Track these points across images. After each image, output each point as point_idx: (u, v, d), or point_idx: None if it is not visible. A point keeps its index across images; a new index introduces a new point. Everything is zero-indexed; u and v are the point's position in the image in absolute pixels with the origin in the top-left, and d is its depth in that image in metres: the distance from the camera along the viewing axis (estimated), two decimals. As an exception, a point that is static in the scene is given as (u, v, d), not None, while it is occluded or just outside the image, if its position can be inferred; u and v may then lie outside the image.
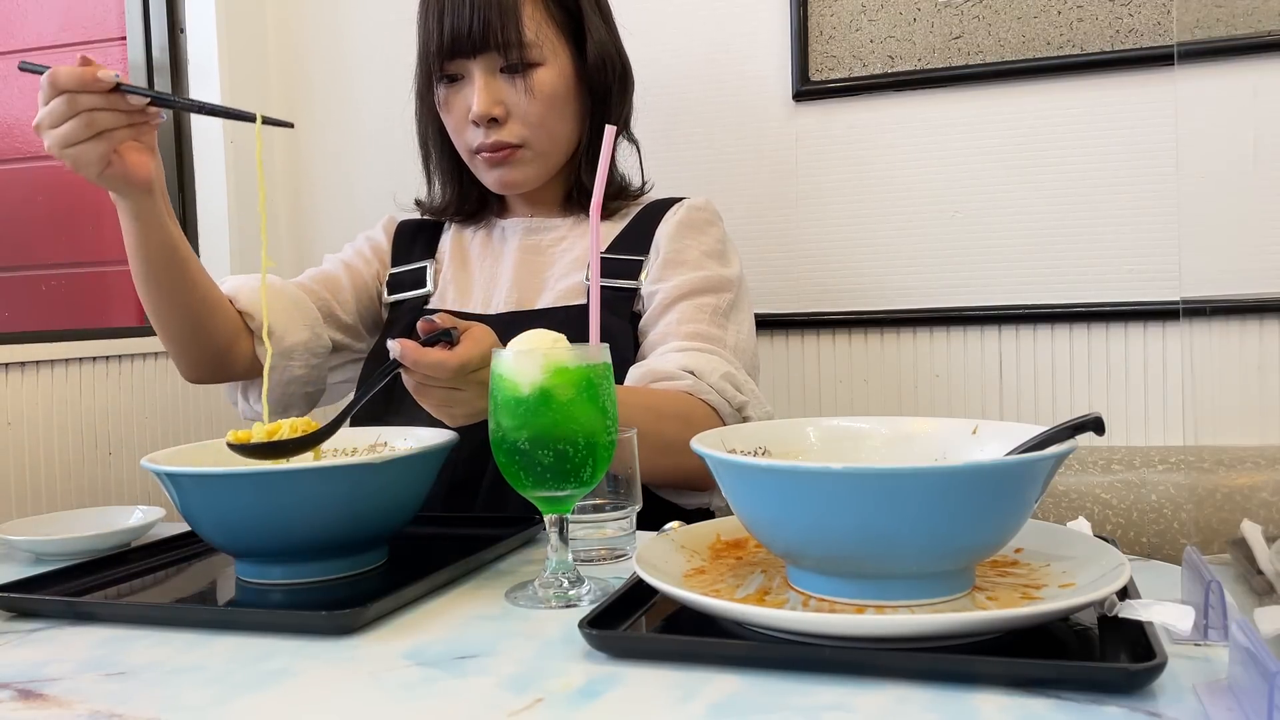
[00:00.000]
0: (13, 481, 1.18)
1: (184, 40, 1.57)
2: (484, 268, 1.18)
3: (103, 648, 0.64)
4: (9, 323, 1.72)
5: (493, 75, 1.08)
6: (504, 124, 1.09)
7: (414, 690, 0.55)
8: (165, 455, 0.81)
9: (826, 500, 0.56)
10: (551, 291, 1.11)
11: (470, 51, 1.07)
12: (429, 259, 1.21)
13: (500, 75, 1.08)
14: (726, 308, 1.08)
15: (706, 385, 0.98)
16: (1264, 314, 1.22)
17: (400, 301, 1.20)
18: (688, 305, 1.06)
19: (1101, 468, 1.19)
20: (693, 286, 1.07)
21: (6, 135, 1.69)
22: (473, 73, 1.08)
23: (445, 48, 1.07)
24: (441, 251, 1.22)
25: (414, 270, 1.21)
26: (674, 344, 1.03)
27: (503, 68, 1.08)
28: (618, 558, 0.80)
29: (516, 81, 1.08)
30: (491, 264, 1.18)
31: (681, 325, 1.05)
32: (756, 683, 0.53)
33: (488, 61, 1.08)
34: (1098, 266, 1.30)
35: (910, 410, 1.38)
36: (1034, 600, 0.59)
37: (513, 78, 1.08)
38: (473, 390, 0.79)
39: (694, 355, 1.01)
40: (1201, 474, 1.15)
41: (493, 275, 1.17)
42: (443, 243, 1.23)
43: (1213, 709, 0.47)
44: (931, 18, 1.34)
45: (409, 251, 1.23)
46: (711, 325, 1.06)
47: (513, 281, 1.14)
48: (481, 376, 0.77)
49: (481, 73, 1.08)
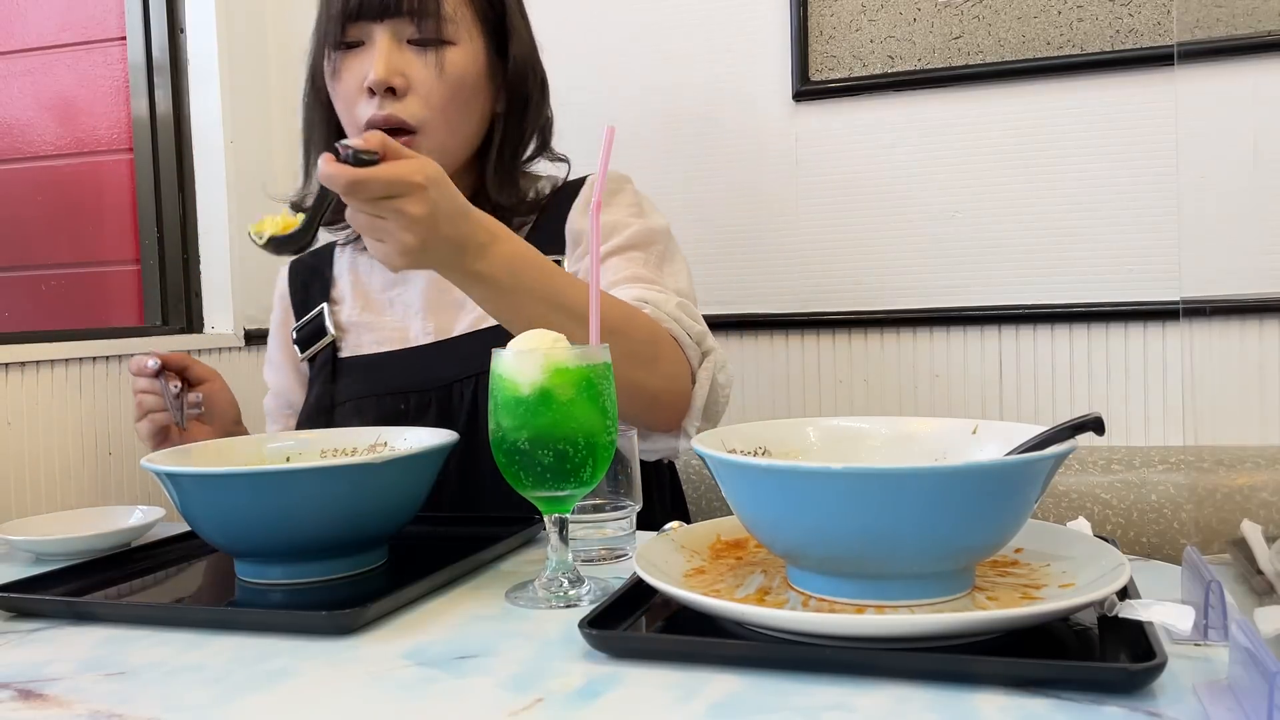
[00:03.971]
0: (13, 481, 1.18)
1: (184, 40, 1.57)
2: (389, 300, 1.11)
3: (103, 648, 0.64)
4: (9, 323, 1.72)
5: (399, 43, 0.99)
6: (402, 98, 0.99)
7: (414, 690, 0.55)
8: (165, 455, 0.81)
9: (826, 500, 0.56)
10: (470, 314, 1.05)
11: (378, 14, 0.98)
12: (325, 301, 1.14)
13: (408, 46, 1.00)
14: (658, 259, 1.03)
15: (664, 314, 0.94)
16: (1264, 314, 1.22)
17: (313, 356, 1.13)
18: (618, 259, 1.01)
19: (1101, 468, 1.19)
20: (618, 245, 1.01)
21: (6, 135, 1.69)
22: (376, 38, 0.99)
23: (350, 8, 0.98)
24: (340, 291, 1.15)
25: (314, 319, 1.14)
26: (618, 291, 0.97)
27: (413, 38, 0.99)
28: (618, 558, 0.80)
29: (426, 56, 0.99)
30: (399, 293, 1.11)
31: (618, 275, 0.99)
32: (756, 683, 0.53)
33: (396, 27, 0.99)
34: (1098, 266, 1.30)
35: (910, 410, 1.38)
36: (1034, 600, 0.59)
37: (423, 51, 0.99)
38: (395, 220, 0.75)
39: (643, 290, 0.96)
40: (1201, 474, 1.15)
41: (402, 307, 1.10)
42: (338, 280, 1.15)
43: (1213, 709, 0.47)
44: (931, 18, 1.34)
45: (305, 298, 1.17)
46: (647, 270, 1.01)
47: (425, 310, 1.08)
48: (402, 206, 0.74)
49: (387, 37, 0.99)
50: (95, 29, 1.64)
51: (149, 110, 1.58)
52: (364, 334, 1.11)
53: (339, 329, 1.12)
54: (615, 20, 1.48)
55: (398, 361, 1.08)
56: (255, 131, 1.62)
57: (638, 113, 1.47)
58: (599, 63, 1.50)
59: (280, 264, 1.24)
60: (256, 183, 1.62)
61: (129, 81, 1.60)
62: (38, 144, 1.68)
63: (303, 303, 1.17)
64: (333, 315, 1.13)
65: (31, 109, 1.68)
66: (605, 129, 0.80)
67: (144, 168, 1.59)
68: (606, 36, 1.48)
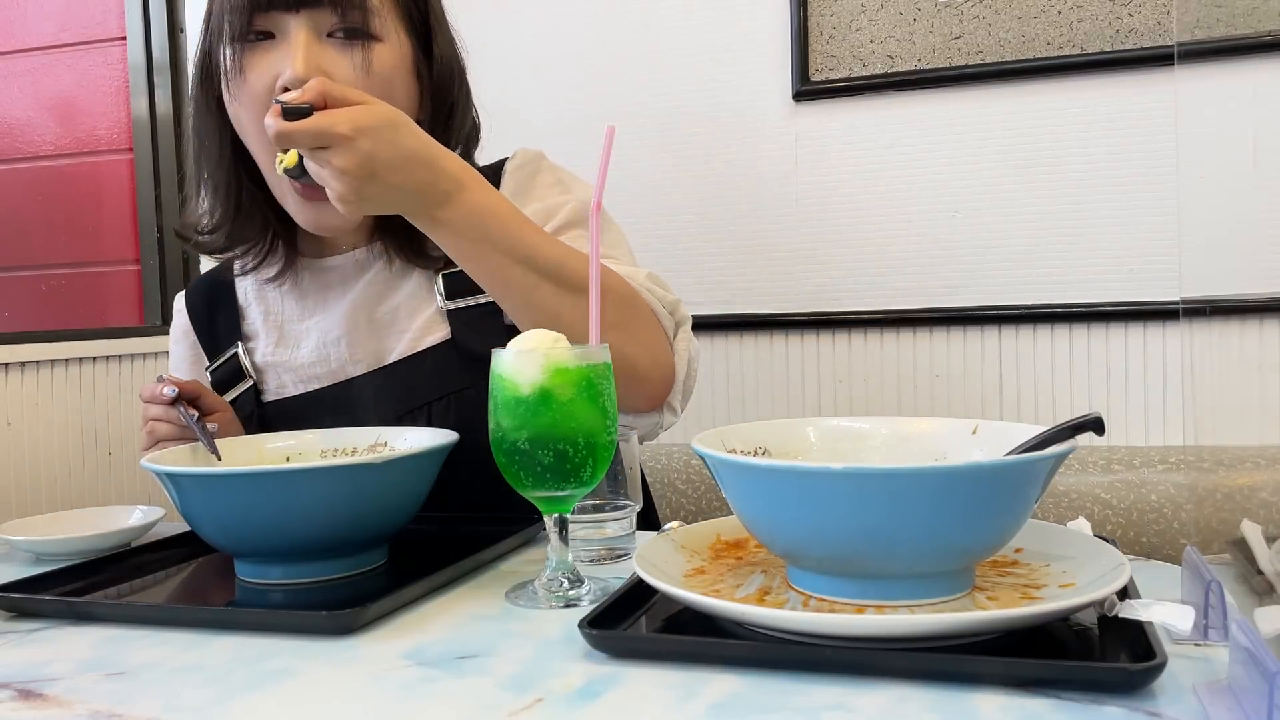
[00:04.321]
0: (13, 481, 1.18)
1: (184, 40, 1.57)
2: (305, 330, 1.01)
3: (103, 648, 0.64)
4: (9, 323, 1.72)
5: (317, 39, 0.87)
6: None
7: (414, 690, 0.55)
8: (165, 455, 0.81)
9: (826, 500, 0.56)
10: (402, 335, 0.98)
11: (295, 2, 0.86)
12: (237, 341, 1.04)
13: (328, 40, 0.88)
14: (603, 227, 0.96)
15: (638, 285, 0.90)
16: (1264, 314, 1.22)
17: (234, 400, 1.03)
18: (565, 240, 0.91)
19: (1101, 468, 1.19)
20: (559, 226, 0.96)
21: (6, 135, 1.69)
22: (291, 30, 0.87)
23: None
24: (251, 326, 1.04)
25: (228, 360, 1.04)
26: None
27: (334, 30, 0.88)
28: (618, 558, 0.80)
29: (351, 53, 0.88)
30: (316, 321, 1.00)
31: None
32: (756, 683, 0.53)
33: (315, 18, 0.87)
34: (1098, 266, 1.30)
35: (910, 410, 1.38)
36: (1034, 600, 0.59)
37: (346, 46, 0.88)
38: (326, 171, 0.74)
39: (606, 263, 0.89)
40: (1201, 474, 1.15)
41: (320, 337, 1.00)
42: (246, 312, 1.05)
43: (1213, 709, 0.47)
44: (931, 18, 1.34)
45: (212, 335, 1.06)
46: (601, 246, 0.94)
47: (349, 338, 0.99)
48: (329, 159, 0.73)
49: (305, 30, 0.87)
50: (95, 29, 1.64)
51: (149, 110, 1.58)
52: (284, 373, 1.02)
53: (256, 370, 1.03)
54: (615, 20, 1.48)
55: (328, 400, 0.99)
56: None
57: (638, 113, 1.47)
58: (599, 62, 1.50)
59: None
60: (256, 183, 1.62)
61: (129, 81, 1.60)
62: (38, 144, 1.68)
63: (210, 340, 1.07)
64: (248, 354, 1.03)
65: (31, 109, 1.69)
66: (605, 129, 0.80)
67: (144, 168, 1.59)
68: (607, 36, 1.48)
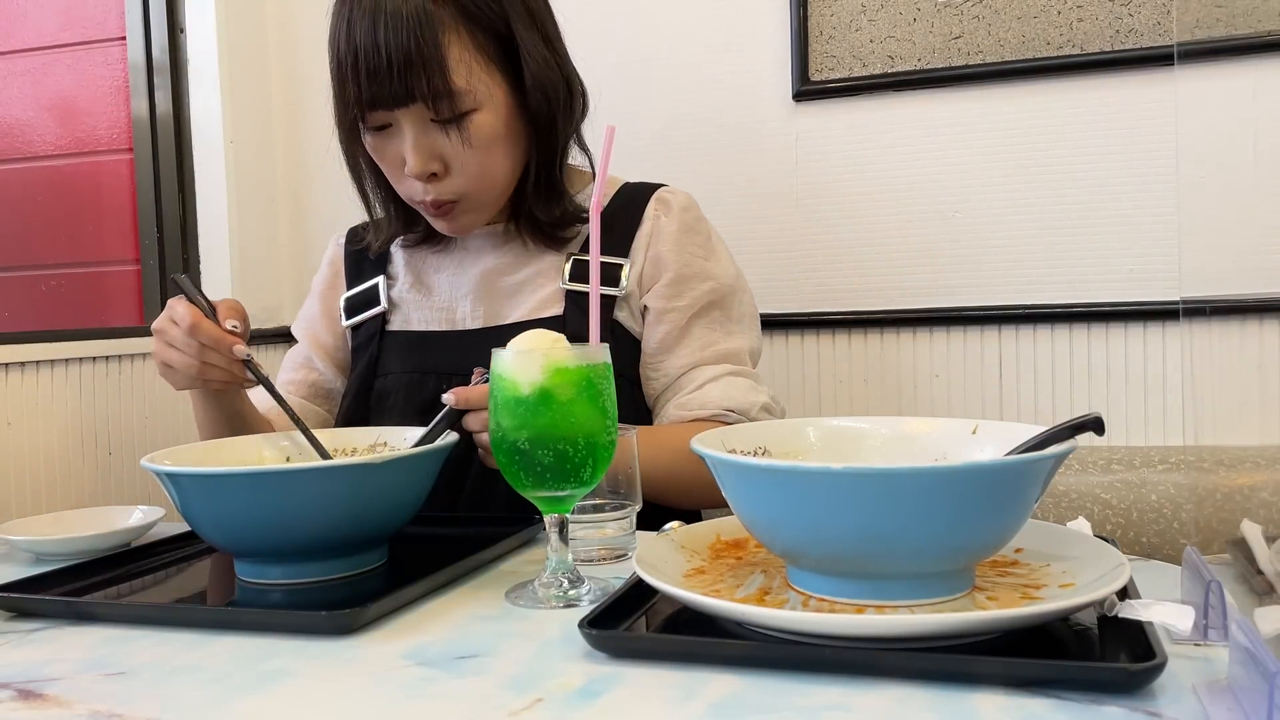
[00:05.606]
0: (13, 481, 1.18)
1: (184, 40, 1.57)
2: (442, 282, 1.13)
3: (103, 648, 0.64)
4: (9, 323, 1.72)
5: (424, 126, 0.97)
6: (443, 178, 1.00)
7: (414, 690, 0.55)
8: (165, 455, 0.81)
9: (826, 500, 0.56)
10: (523, 305, 1.08)
11: (393, 104, 0.95)
12: (380, 274, 1.16)
13: (432, 125, 0.98)
14: (737, 312, 1.08)
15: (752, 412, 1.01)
16: (1264, 314, 1.22)
17: (358, 325, 1.16)
18: (703, 324, 1.06)
19: (1101, 468, 1.19)
20: (707, 302, 1.06)
21: (6, 135, 1.69)
22: (401, 123, 0.97)
23: (366, 98, 0.95)
24: (395, 268, 1.17)
25: (367, 290, 1.16)
26: (705, 371, 1.04)
27: (434, 119, 0.97)
28: (618, 558, 0.80)
29: (450, 132, 0.97)
30: (451, 276, 1.12)
31: (705, 350, 1.05)
32: (756, 683, 0.53)
33: (416, 114, 0.97)
34: (1098, 266, 1.30)
35: (910, 410, 1.38)
36: (1034, 600, 0.59)
37: (446, 127, 0.97)
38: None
39: (729, 385, 1.03)
40: (1201, 474, 1.15)
41: (452, 289, 1.12)
42: (394, 256, 1.18)
43: (1213, 709, 0.47)
44: (931, 18, 1.34)
45: (359, 269, 1.18)
46: (727, 338, 1.06)
47: (475, 295, 1.10)
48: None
49: (411, 125, 0.97)
50: (95, 29, 1.64)
51: (149, 110, 1.58)
52: (412, 311, 1.13)
53: (390, 303, 1.14)
54: (615, 20, 1.48)
55: (443, 342, 1.10)
56: (255, 131, 1.62)
57: (638, 112, 1.47)
58: (598, 62, 1.49)
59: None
60: (256, 183, 1.62)
61: (129, 81, 1.60)
62: (38, 144, 1.68)
63: (355, 272, 1.19)
64: (388, 287, 1.15)
65: (31, 109, 1.68)
66: (606, 128, 0.80)
67: (144, 168, 1.59)
68: (606, 36, 1.48)
